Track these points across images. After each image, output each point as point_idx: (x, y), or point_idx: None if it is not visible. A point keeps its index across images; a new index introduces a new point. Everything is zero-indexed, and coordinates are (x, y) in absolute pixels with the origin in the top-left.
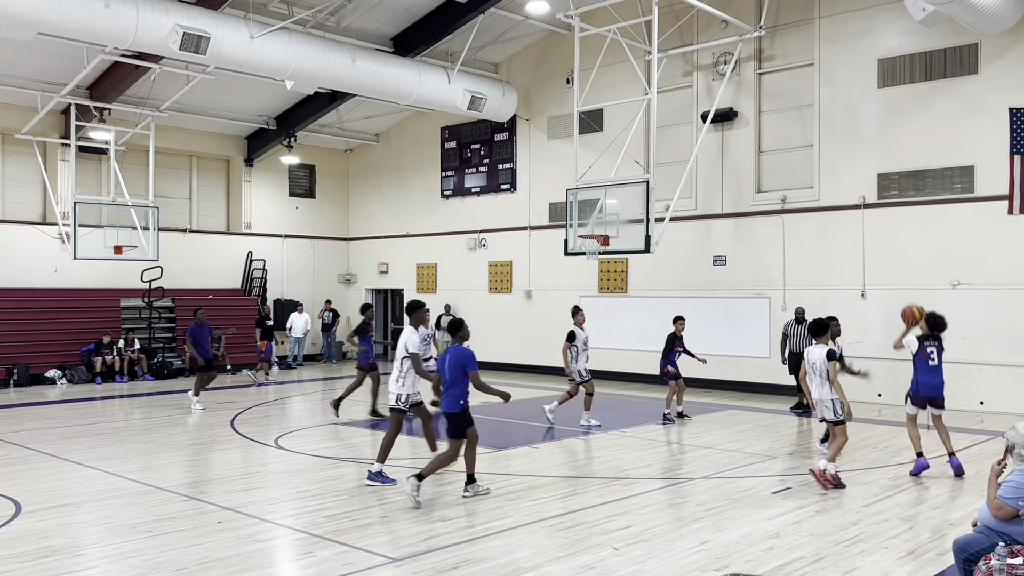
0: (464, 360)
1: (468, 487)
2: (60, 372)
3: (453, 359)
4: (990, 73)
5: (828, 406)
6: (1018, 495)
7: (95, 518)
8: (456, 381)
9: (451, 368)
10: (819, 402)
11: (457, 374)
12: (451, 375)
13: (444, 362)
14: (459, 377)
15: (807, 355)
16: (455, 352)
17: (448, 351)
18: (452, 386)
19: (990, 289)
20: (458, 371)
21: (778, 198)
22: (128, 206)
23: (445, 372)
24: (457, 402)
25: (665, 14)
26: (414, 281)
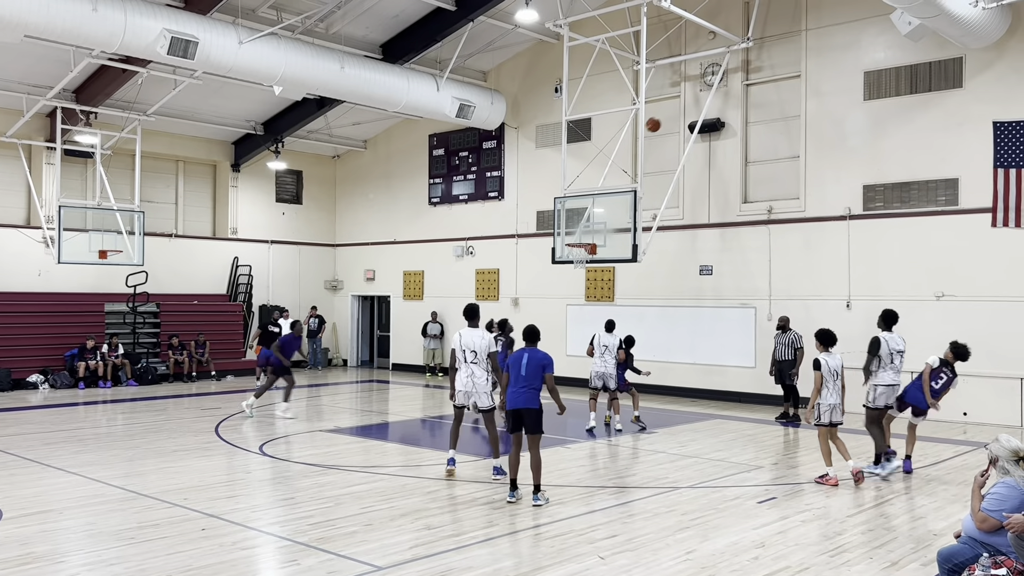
0: (545, 362)
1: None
2: (43, 377)
3: (536, 359)
4: (974, 87)
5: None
6: (1001, 507)
7: (77, 524)
8: (534, 380)
9: (533, 367)
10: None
11: (538, 373)
12: (530, 372)
13: (521, 360)
14: (539, 376)
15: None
16: (534, 353)
17: (526, 352)
18: (529, 385)
19: (974, 301)
20: (539, 371)
21: (764, 208)
22: (113, 210)
23: (521, 371)
24: (537, 397)
25: (653, 25)
26: (401, 288)
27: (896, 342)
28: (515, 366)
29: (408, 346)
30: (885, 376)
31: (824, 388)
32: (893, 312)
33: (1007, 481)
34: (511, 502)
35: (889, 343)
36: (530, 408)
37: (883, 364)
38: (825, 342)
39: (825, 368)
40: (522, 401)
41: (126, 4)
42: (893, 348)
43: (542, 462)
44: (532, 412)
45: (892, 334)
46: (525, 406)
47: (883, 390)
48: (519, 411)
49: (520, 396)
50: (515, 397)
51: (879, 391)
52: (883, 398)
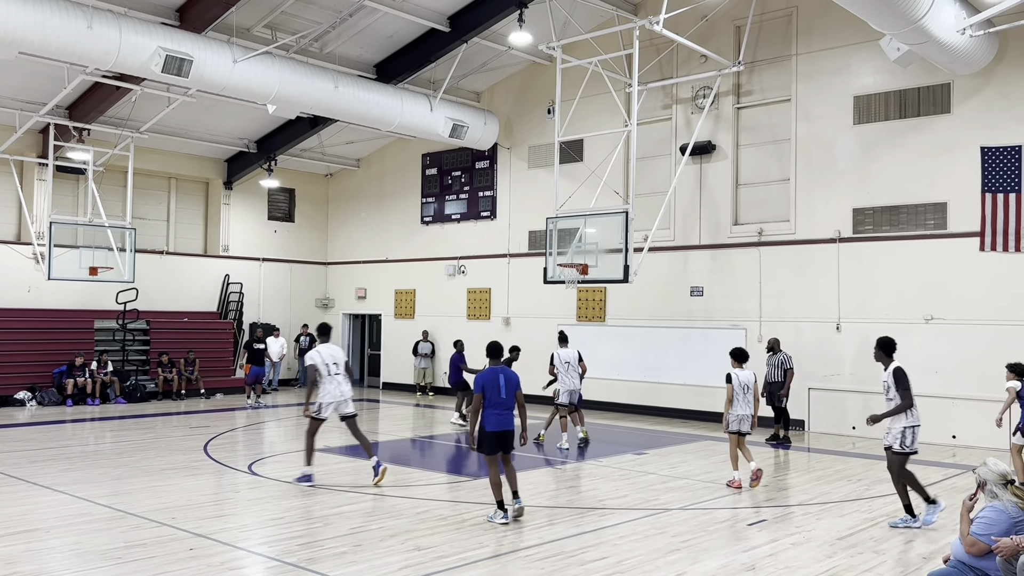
0: (517, 380)
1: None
2: (30, 394)
3: (510, 379)
4: (962, 112)
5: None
6: (990, 531)
7: (63, 544)
8: (511, 400)
9: (511, 388)
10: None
11: (512, 394)
12: (509, 394)
13: (497, 381)
14: (513, 397)
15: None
16: (508, 373)
17: (499, 371)
18: (510, 406)
19: (962, 324)
20: (514, 391)
21: (755, 231)
22: (105, 227)
23: (502, 392)
24: (514, 418)
25: (646, 48)
26: (392, 307)
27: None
28: (493, 388)
29: (399, 365)
30: (915, 414)
31: (735, 400)
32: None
33: (995, 505)
34: (504, 523)
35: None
36: (511, 430)
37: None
38: (738, 359)
39: (736, 382)
40: (509, 423)
41: (121, 22)
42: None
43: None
44: (512, 433)
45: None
46: (510, 428)
47: (910, 430)
48: (503, 433)
49: (506, 418)
50: (501, 419)
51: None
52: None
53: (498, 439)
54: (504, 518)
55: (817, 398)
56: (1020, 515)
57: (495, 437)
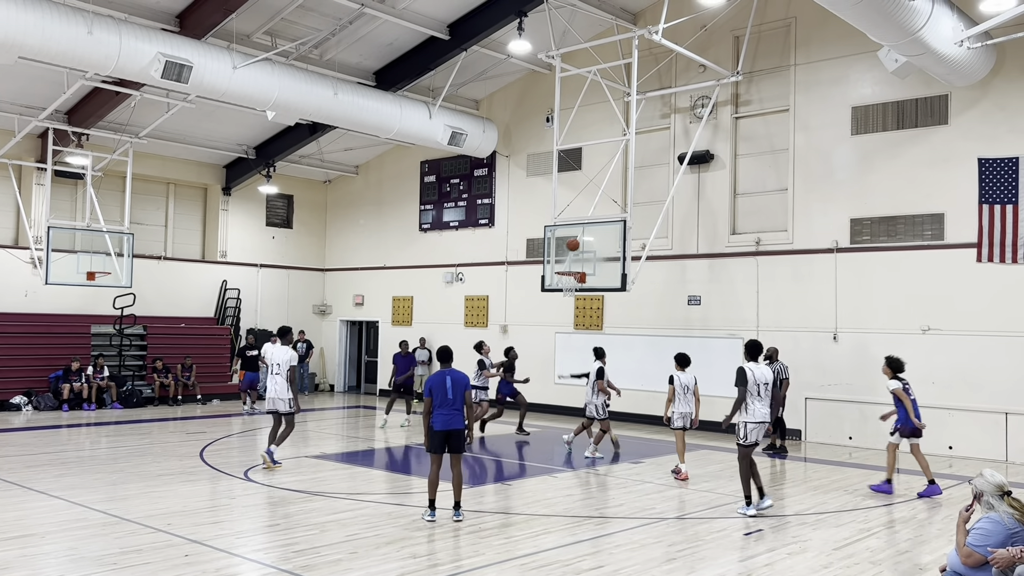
0: (466, 381)
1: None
2: (26, 398)
3: (457, 381)
4: (960, 124)
5: None
6: (986, 542)
7: (58, 549)
8: (459, 400)
9: (458, 388)
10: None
11: (460, 395)
12: (456, 394)
13: (445, 382)
14: (462, 397)
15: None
16: (457, 374)
17: (447, 373)
18: (456, 406)
19: (959, 335)
20: (462, 391)
21: (752, 240)
22: (103, 232)
23: (449, 393)
24: (462, 419)
25: (644, 57)
26: (390, 313)
27: (763, 373)
28: (440, 389)
29: None
30: (757, 410)
31: (677, 399)
32: (758, 343)
33: (992, 516)
34: (431, 520)
35: (755, 373)
36: (459, 429)
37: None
38: (681, 363)
39: (677, 383)
40: (454, 423)
41: (121, 28)
42: (760, 380)
43: (463, 479)
44: (460, 432)
45: (758, 364)
46: (456, 427)
47: (754, 426)
48: (449, 432)
49: (451, 418)
50: (446, 419)
51: (750, 427)
52: (755, 434)
53: (444, 438)
54: (431, 516)
55: (814, 408)
56: (1016, 526)
57: (441, 436)
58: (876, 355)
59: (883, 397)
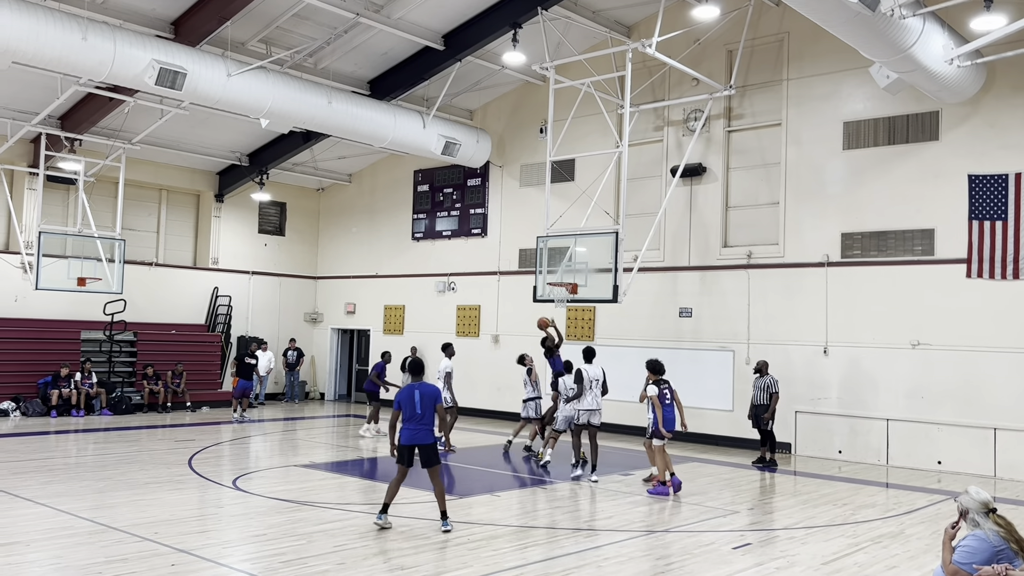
0: (436, 395)
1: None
2: (14, 404)
3: (428, 394)
4: (950, 140)
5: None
6: (972, 559)
7: (43, 558)
8: (428, 415)
9: (427, 403)
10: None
11: (430, 408)
12: (425, 409)
13: (413, 396)
14: (431, 412)
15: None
16: (425, 387)
17: (416, 387)
18: (423, 419)
19: (949, 350)
20: (431, 405)
21: (744, 253)
22: (94, 237)
23: (417, 407)
24: (432, 434)
25: (638, 70)
26: (381, 322)
27: (595, 373)
28: (408, 403)
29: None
30: (587, 401)
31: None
32: (592, 349)
33: (977, 533)
34: (377, 524)
35: (590, 373)
36: (426, 444)
37: (585, 391)
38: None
39: (586, 377)
40: (420, 437)
41: (116, 34)
42: (593, 377)
43: (444, 489)
44: (429, 447)
45: (592, 366)
46: (422, 442)
47: (584, 412)
48: (416, 447)
49: (418, 433)
50: (412, 434)
51: (581, 413)
52: (585, 417)
53: (409, 452)
54: (378, 519)
55: (804, 421)
56: (1002, 544)
57: (408, 450)
58: (867, 369)
59: (874, 411)
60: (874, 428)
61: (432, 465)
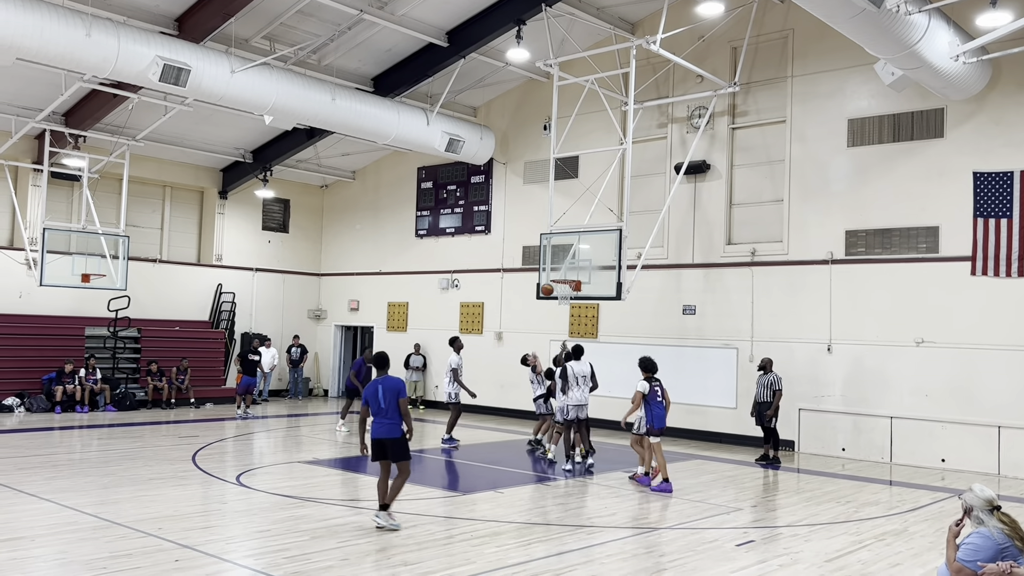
0: (399, 388)
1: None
2: (18, 400)
3: (391, 388)
4: (955, 137)
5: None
6: (976, 557)
7: (48, 553)
8: (392, 409)
9: (390, 397)
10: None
11: (393, 402)
12: (388, 403)
13: (377, 392)
14: (394, 405)
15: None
16: (389, 382)
17: (380, 381)
18: (388, 414)
19: (953, 348)
20: (395, 399)
21: (748, 251)
22: (98, 234)
23: (380, 401)
24: (399, 427)
25: (642, 67)
26: (385, 319)
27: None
28: (373, 398)
29: None
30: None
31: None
32: (580, 347)
33: (982, 531)
34: (376, 522)
35: (575, 369)
36: (392, 438)
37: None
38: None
39: (571, 373)
40: (384, 432)
41: (120, 30)
42: (579, 373)
43: (403, 486)
44: (395, 441)
45: (579, 362)
46: (388, 436)
47: (572, 408)
48: (382, 441)
49: (382, 427)
50: (377, 428)
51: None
52: (573, 412)
53: (377, 447)
54: (376, 518)
55: (807, 419)
56: (1006, 541)
57: (377, 445)
58: (871, 367)
59: (877, 409)
60: (878, 426)
61: (400, 460)
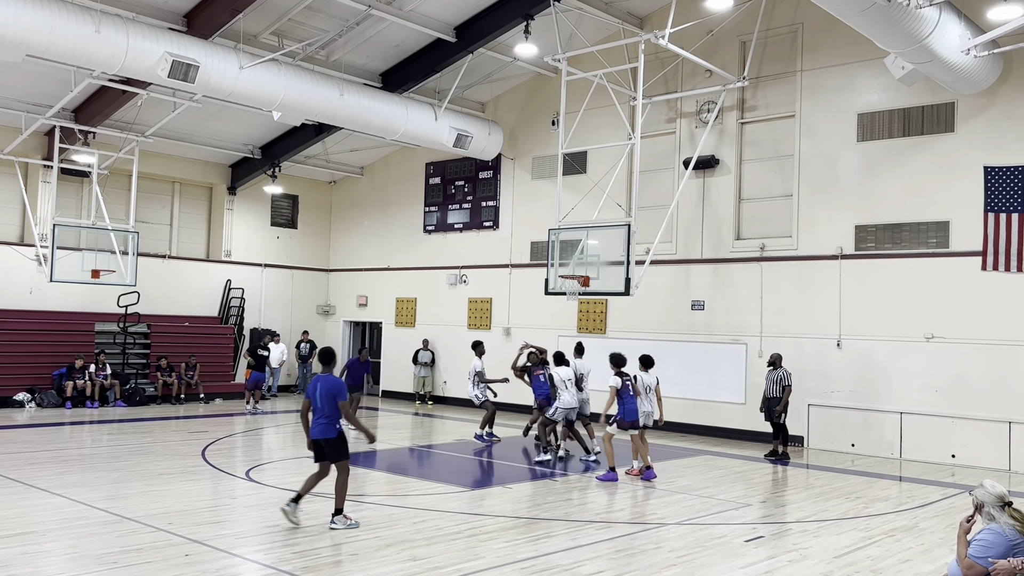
0: (335, 390)
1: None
2: (29, 395)
3: (325, 388)
4: (966, 132)
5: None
6: (987, 553)
7: (59, 547)
8: (327, 408)
9: (324, 396)
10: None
11: (329, 402)
12: (323, 403)
13: (315, 390)
14: (330, 404)
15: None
16: (327, 381)
17: (319, 379)
18: (325, 414)
19: (963, 343)
20: (330, 399)
21: (757, 246)
22: (108, 230)
23: (316, 400)
24: (333, 426)
25: (651, 62)
26: (393, 315)
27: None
28: (312, 396)
29: (398, 373)
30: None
31: (639, 399)
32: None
33: (993, 527)
34: (286, 510)
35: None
36: (327, 438)
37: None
38: (644, 364)
39: (640, 383)
40: (319, 431)
41: (129, 27)
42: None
43: (347, 487)
44: (330, 441)
45: (563, 368)
46: (323, 436)
47: (562, 410)
48: (318, 441)
49: (318, 427)
50: (315, 428)
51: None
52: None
53: (315, 447)
54: (287, 507)
55: (816, 414)
56: (1017, 537)
57: (313, 445)
58: (880, 362)
59: (887, 404)
60: (887, 421)
61: (336, 460)
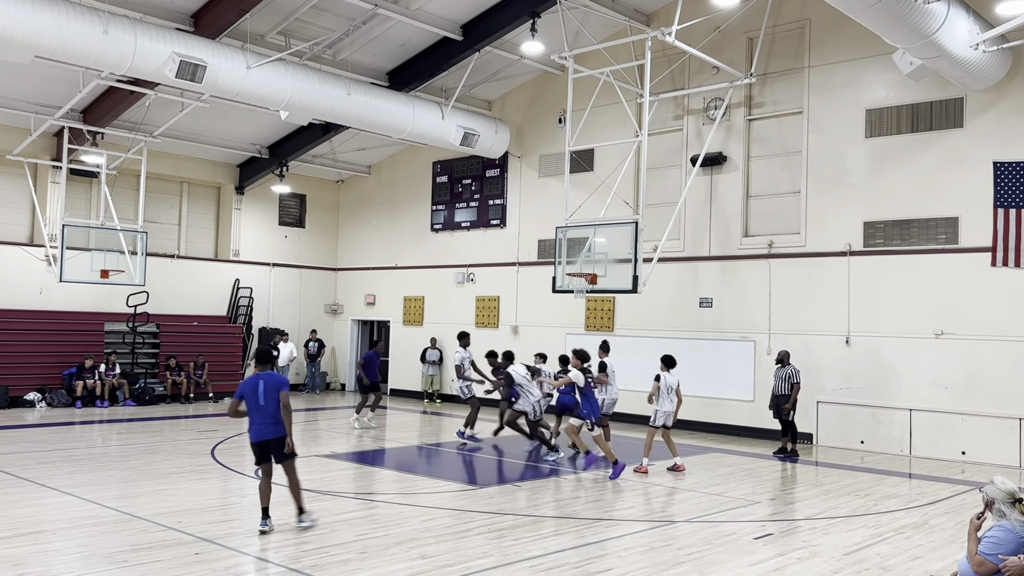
0: (280, 385)
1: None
2: (40, 395)
3: (271, 385)
4: (975, 127)
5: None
6: (998, 550)
7: (70, 546)
8: (272, 407)
9: (269, 395)
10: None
11: (275, 400)
12: (268, 401)
13: (257, 388)
14: (277, 403)
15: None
16: (270, 378)
17: (260, 377)
18: (267, 412)
19: (972, 339)
20: (275, 397)
21: (765, 243)
22: (117, 230)
23: (260, 398)
24: (282, 427)
25: (658, 59)
26: (401, 313)
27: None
28: (252, 395)
29: (406, 372)
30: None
31: (660, 398)
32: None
33: (1003, 524)
34: (263, 531)
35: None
36: (275, 438)
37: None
38: (667, 364)
39: (662, 382)
40: (268, 432)
41: (136, 27)
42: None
43: (300, 484)
44: (278, 441)
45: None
46: (272, 437)
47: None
48: (266, 443)
49: (265, 428)
50: (259, 430)
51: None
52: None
53: (260, 450)
54: (263, 525)
55: (825, 411)
56: None
57: (259, 448)
58: (889, 359)
59: (896, 401)
60: (897, 418)
61: (283, 460)
